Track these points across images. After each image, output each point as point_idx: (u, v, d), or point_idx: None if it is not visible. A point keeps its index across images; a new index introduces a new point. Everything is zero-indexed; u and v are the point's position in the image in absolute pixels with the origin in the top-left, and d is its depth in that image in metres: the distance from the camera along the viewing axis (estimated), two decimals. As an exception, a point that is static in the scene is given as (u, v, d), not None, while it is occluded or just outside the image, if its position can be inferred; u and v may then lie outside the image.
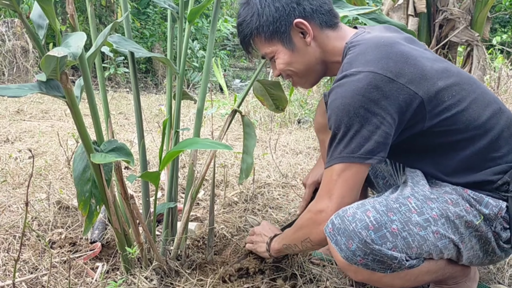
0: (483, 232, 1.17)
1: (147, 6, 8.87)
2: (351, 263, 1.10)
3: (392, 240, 1.08)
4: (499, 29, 11.25)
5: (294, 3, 1.24)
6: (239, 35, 1.34)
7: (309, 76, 1.35)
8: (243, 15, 1.30)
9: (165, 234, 1.60)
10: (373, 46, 1.16)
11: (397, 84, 1.10)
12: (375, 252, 1.07)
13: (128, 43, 1.44)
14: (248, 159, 1.66)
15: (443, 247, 1.14)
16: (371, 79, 1.09)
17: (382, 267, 1.10)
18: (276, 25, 1.25)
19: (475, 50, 3.57)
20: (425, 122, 1.15)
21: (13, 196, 2.13)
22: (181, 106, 1.59)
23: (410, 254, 1.10)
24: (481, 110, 1.18)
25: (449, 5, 3.53)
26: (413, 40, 1.29)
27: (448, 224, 1.14)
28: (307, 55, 1.29)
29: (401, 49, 1.15)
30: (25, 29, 4.58)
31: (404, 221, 1.10)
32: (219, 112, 4.62)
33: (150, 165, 2.73)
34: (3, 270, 1.49)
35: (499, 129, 1.18)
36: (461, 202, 1.16)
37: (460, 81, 1.18)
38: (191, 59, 8.16)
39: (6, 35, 6.73)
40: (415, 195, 1.16)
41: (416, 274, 1.16)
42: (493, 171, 1.18)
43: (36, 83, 1.11)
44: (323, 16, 1.26)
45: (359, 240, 1.07)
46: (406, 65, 1.12)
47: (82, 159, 1.27)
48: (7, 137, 3.44)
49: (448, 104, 1.15)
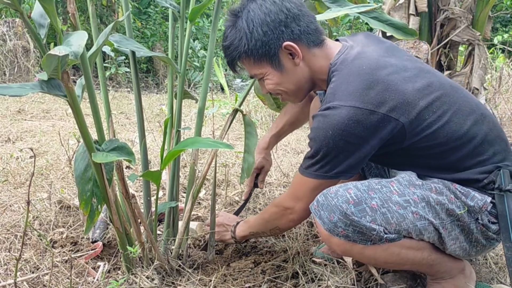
0: (466, 223, 1.22)
1: (148, 5, 8.87)
2: (333, 234, 1.18)
3: (371, 214, 1.15)
4: (501, 28, 11.24)
5: (282, 26, 1.25)
6: (227, 57, 1.35)
7: (298, 94, 1.39)
8: (231, 38, 1.30)
9: (166, 233, 1.60)
10: (355, 74, 1.20)
11: (378, 115, 1.16)
12: (354, 223, 1.15)
13: (129, 43, 1.44)
14: (249, 159, 1.66)
15: (422, 227, 1.19)
16: (352, 114, 1.15)
17: (363, 238, 1.17)
18: (265, 48, 1.27)
19: (477, 50, 3.56)
20: (404, 141, 1.21)
21: (14, 195, 2.13)
22: (182, 106, 1.59)
23: (389, 229, 1.17)
24: (463, 120, 1.22)
25: (450, 4, 3.52)
26: (394, 48, 1.33)
27: (429, 208, 1.20)
28: (296, 75, 1.32)
29: (381, 75, 1.18)
30: (26, 28, 4.58)
31: (384, 199, 1.18)
32: (220, 111, 4.62)
33: (151, 164, 2.73)
34: (4, 269, 1.49)
35: (482, 134, 1.23)
36: (445, 192, 1.22)
37: (442, 94, 1.23)
38: (192, 59, 8.16)
39: (7, 34, 6.73)
40: (399, 180, 1.24)
41: (398, 249, 1.21)
42: (479, 171, 1.23)
43: (38, 82, 1.11)
44: (310, 36, 1.29)
45: (340, 212, 1.15)
46: (387, 92, 1.16)
47: (84, 159, 1.27)
48: (8, 137, 3.44)
49: (429, 122, 1.20)
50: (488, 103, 3.68)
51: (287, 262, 1.57)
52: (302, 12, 1.28)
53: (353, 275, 1.47)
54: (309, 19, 1.29)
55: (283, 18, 1.25)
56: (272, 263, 1.57)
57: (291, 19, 1.26)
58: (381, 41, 1.36)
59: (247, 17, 1.26)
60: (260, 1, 1.26)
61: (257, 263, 1.60)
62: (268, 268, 1.54)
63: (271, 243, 1.75)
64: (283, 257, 1.62)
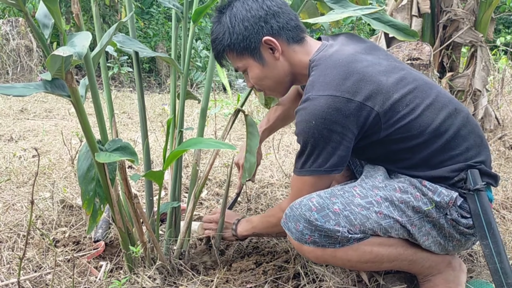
0: (435, 218, 1.26)
1: (151, 5, 8.89)
2: (302, 242, 1.23)
3: (334, 218, 1.20)
4: (503, 29, 11.23)
5: (262, 22, 1.32)
6: (213, 51, 1.42)
7: (279, 87, 1.44)
8: (216, 32, 1.38)
9: (168, 233, 1.60)
10: (331, 67, 1.25)
11: (354, 103, 1.20)
12: (319, 228, 1.19)
13: (132, 43, 1.45)
14: (251, 159, 1.66)
15: (387, 226, 1.23)
16: (331, 102, 1.20)
17: (330, 241, 1.21)
18: (246, 42, 1.33)
19: (479, 51, 3.56)
20: (380, 132, 1.25)
21: (17, 194, 2.14)
22: (185, 106, 1.59)
23: (354, 230, 1.20)
24: (435, 114, 1.26)
25: (453, 5, 3.52)
26: (373, 48, 1.38)
27: (393, 207, 1.24)
28: (276, 69, 1.38)
29: (357, 67, 1.24)
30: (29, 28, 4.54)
31: (346, 203, 1.23)
32: (222, 111, 4.62)
33: (154, 164, 2.73)
34: (7, 268, 1.50)
35: (454, 129, 1.27)
36: (410, 190, 1.26)
37: (416, 87, 1.27)
38: (194, 59, 8.17)
39: (10, 34, 6.76)
40: (362, 184, 1.29)
41: (369, 247, 1.24)
42: (451, 168, 1.27)
43: (41, 82, 1.11)
44: (289, 33, 1.35)
45: (304, 220, 1.21)
46: (362, 82, 1.22)
47: (87, 158, 1.27)
48: (11, 136, 3.45)
49: (402, 114, 1.24)
50: (490, 104, 3.68)
51: (289, 263, 1.58)
52: (282, 10, 1.34)
53: (354, 276, 1.48)
54: (289, 16, 1.35)
55: (263, 14, 1.32)
56: (273, 264, 1.58)
57: (270, 16, 1.32)
58: (362, 41, 1.41)
59: (230, 13, 1.34)
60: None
61: (258, 263, 1.60)
62: (269, 268, 1.54)
63: (272, 244, 1.75)
64: (285, 257, 1.62)
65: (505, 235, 1.83)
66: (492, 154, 2.95)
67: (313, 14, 1.63)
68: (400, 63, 1.37)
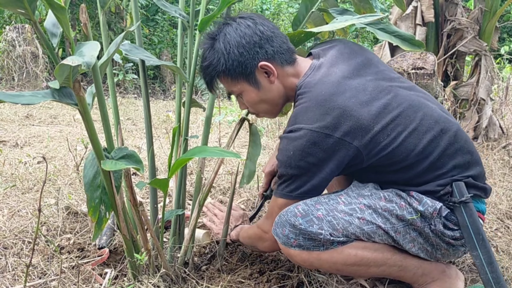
0: (419, 227, 1.30)
1: (156, 13, 8.94)
2: (288, 246, 1.29)
3: (318, 223, 1.25)
4: (508, 38, 11.22)
5: (257, 47, 1.34)
6: (206, 77, 1.43)
7: (274, 109, 1.47)
8: (209, 58, 1.38)
9: (172, 241, 1.61)
10: (314, 99, 1.28)
11: (333, 138, 1.24)
12: (303, 231, 1.25)
13: (139, 51, 1.46)
14: (251, 166, 1.69)
15: (370, 231, 1.28)
16: (310, 136, 1.24)
17: (314, 244, 1.26)
18: (241, 68, 1.35)
19: (483, 60, 3.57)
20: (363, 162, 1.29)
21: (22, 201, 2.15)
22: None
23: (337, 234, 1.26)
24: (419, 139, 1.28)
25: (457, 15, 3.53)
26: (364, 65, 1.37)
27: (376, 214, 1.28)
28: (271, 92, 1.40)
29: (338, 101, 1.25)
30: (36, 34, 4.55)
31: (329, 209, 1.28)
32: (226, 119, 4.63)
33: (158, 171, 2.74)
34: (12, 274, 1.50)
35: (440, 150, 1.29)
36: (395, 200, 1.30)
37: (399, 114, 1.28)
38: (198, 66, 8.19)
39: (16, 40, 6.80)
40: (348, 193, 1.35)
41: (354, 250, 1.28)
42: (437, 184, 1.30)
43: (49, 91, 1.13)
44: (283, 56, 1.38)
45: (289, 225, 1.27)
46: (342, 118, 1.24)
47: (93, 166, 1.28)
48: (16, 142, 3.47)
49: (384, 144, 1.26)
50: (494, 113, 3.67)
51: (293, 271, 1.58)
52: (274, 34, 1.37)
53: (358, 286, 1.47)
54: (281, 39, 1.38)
55: (257, 40, 1.34)
56: (277, 272, 1.58)
57: (264, 41, 1.35)
58: (354, 55, 1.39)
59: (223, 39, 1.35)
60: (235, 25, 1.35)
61: (262, 272, 1.60)
62: (273, 277, 1.55)
63: (276, 252, 1.75)
64: (288, 266, 1.62)
65: (510, 245, 1.82)
66: (496, 164, 2.95)
67: (320, 25, 1.64)
68: (391, 80, 1.37)
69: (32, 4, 1.05)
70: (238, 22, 1.36)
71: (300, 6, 1.60)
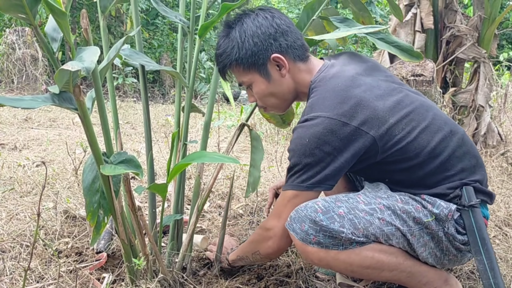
0: (434, 230, 1.29)
1: (156, 17, 8.96)
2: (306, 243, 1.24)
3: (339, 220, 1.22)
4: (507, 45, 11.27)
5: (271, 39, 1.35)
6: (219, 65, 1.44)
7: (282, 104, 1.47)
8: (223, 46, 1.40)
9: (170, 245, 1.61)
10: (330, 90, 1.29)
11: (350, 127, 1.23)
12: (324, 228, 1.21)
13: (139, 56, 1.47)
14: (255, 173, 1.67)
15: (389, 232, 1.26)
16: (327, 124, 1.24)
17: (334, 243, 1.22)
18: (254, 58, 1.36)
19: (482, 67, 3.57)
20: (377, 155, 1.28)
21: (20, 204, 2.14)
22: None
23: (357, 233, 1.23)
24: (431, 136, 1.30)
25: (457, 22, 3.55)
26: (373, 68, 1.40)
27: (395, 216, 1.27)
28: (281, 86, 1.41)
29: (355, 92, 1.27)
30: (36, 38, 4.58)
31: (350, 207, 1.25)
32: (226, 123, 4.64)
33: (157, 175, 2.74)
34: (10, 278, 1.50)
35: (449, 150, 1.31)
36: (411, 202, 1.30)
37: (413, 111, 1.30)
38: (198, 70, 8.22)
39: (16, 43, 6.82)
40: (366, 193, 1.33)
41: (371, 253, 1.26)
42: (446, 186, 1.30)
43: (49, 95, 1.13)
44: (296, 51, 1.39)
45: (309, 220, 1.22)
46: (359, 107, 1.24)
47: (92, 170, 1.28)
48: (15, 145, 3.47)
49: (398, 138, 1.27)
50: (493, 120, 3.68)
51: (290, 277, 1.58)
52: (290, 29, 1.38)
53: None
54: (296, 35, 1.39)
55: (272, 32, 1.35)
56: (275, 278, 1.58)
57: (279, 34, 1.35)
58: (364, 60, 1.43)
59: (240, 29, 1.36)
60: (253, 16, 1.37)
61: (260, 277, 1.60)
62: (271, 283, 1.54)
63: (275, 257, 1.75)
64: (286, 272, 1.62)
65: (508, 252, 1.82)
66: (494, 170, 2.95)
67: (321, 33, 1.65)
68: (400, 84, 1.40)
69: (33, 9, 1.05)
70: (257, 13, 1.37)
71: (301, 13, 1.61)
